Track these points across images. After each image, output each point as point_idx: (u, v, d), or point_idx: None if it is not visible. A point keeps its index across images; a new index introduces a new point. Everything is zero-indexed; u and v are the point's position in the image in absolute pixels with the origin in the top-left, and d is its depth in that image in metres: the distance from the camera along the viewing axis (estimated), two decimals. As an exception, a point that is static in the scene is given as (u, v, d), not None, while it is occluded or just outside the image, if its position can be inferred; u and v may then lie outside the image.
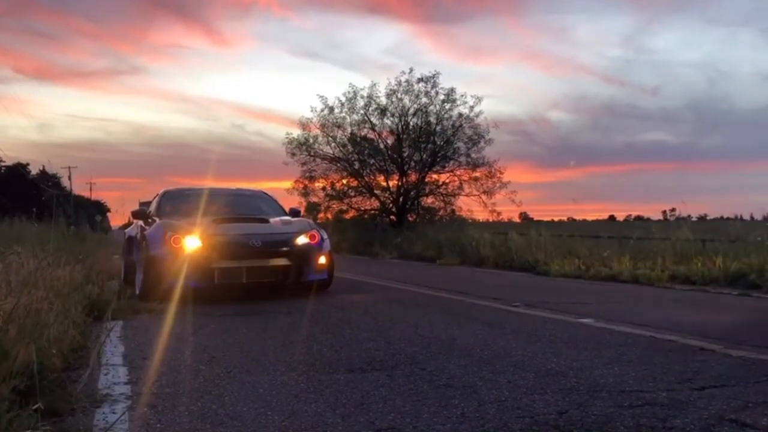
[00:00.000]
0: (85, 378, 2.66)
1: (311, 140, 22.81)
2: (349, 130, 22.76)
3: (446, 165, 22.99)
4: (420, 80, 22.07)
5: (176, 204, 7.91)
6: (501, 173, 22.34)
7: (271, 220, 7.53)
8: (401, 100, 22.43)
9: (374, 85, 22.45)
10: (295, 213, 8.28)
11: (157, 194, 8.43)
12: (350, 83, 25.85)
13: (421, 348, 3.96)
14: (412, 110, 22.43)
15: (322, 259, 7.08)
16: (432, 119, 22.45)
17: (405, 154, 22.95)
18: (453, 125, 22.37)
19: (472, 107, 22.03)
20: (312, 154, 22.90)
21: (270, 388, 3.05)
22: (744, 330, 4.44)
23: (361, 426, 2.47)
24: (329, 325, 4.92)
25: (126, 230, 9.27)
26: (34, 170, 46.08)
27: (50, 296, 4.04)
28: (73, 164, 53.36)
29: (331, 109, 22.48)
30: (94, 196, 57.90)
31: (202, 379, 3.28)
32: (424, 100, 22.32)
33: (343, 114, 22.62)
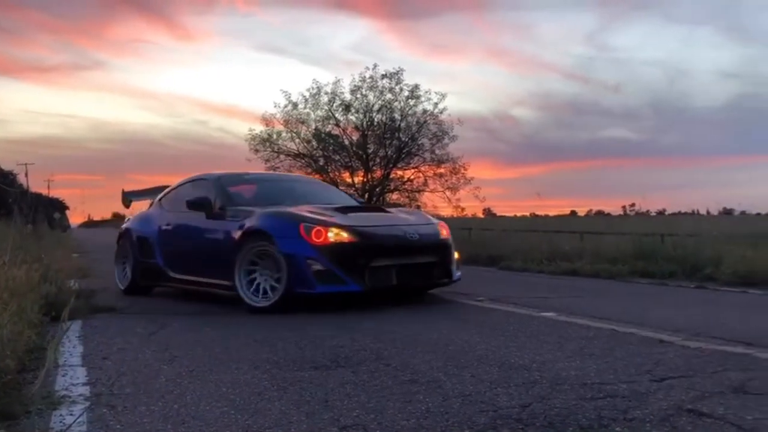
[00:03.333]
0: (41, 379, 2.60)
1: (275, 136, 22.66)
2: (313, 126, 22.67)
3: (411, 161, 23.08)
4: (384, 76, 22.09)
5: (246, 191, 6.68)
6: (465, 169, 22.51)
7: (388, 210, 6.62)
8: (366, 96, 22.42)
9: (338, 81, 22.39)
10: (361, 203, 7.64)
11: (193, 180, 6.97)
12: (314, 79, 25.66)
13: (386, 344, 3.96)
14: (376, 106, 22.44)
15: (455, 254, 6.21)
16: (397, 115, 22.49)
17: (370, 151, 22.94)
18: (417, 121, 22.45)
19: (436, 104, 22.14)
20: (276, 150, 22.74)
21: (233, 387, 3.01)
22: (701, 322, 4.54)
23: (325, 423, 2.45)
24: (294, 323, 4.89)
25: (129, 225, 7.42)
26: (-13, 167, 44.79)
27: (5, 296, 3.93)
28: (30, 161, 52.14)
29: (295, 105, 22.35)
30: (53, 194, 56.62)
31: (164, 378, 3.23)
32: (388, 96, 22.34)
33: (307, 110, 22.51)
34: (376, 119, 22.62)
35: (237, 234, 5.63)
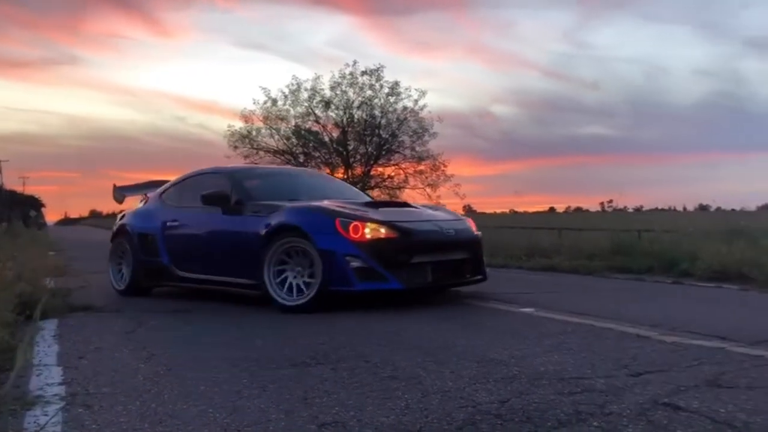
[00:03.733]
0: (12, 379, 2.55)
1: (254, 133, 22.57)
2: (293, 122, 22.61)
3: (391, 158, 23.12)
4: (364, 73, 22.11)
5: (261, 185, 6.34)
6: (445, 166, 22.62)
7: (414, 205, 6.36)
8: (345, 92, 22.42)
9: (318, 77, 22.35)
10: (372, 198, 7.37)
11: (200, 174, 6.68)
12: (293, 75, 25.56)
13: (366, 341, 3.95)
14: (356, 103, 22.44)
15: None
16: (377, 112, 22.51)
17: (350, 147, 22.94)
18: (398, 118, 22.50)
19: (416, 101, 22.22)
20: (255, 146, 22.66)
21: (212, 385, 2.99)
22: (677, 317, 4.60)
23: (304, 421, 2.45)
24: (273, 321, 4.87)
25: (127, 222, 6.93)
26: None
27: (-22, 295, 3.87)
28: (4, 158, 51.29)
29: (274, 101, 22.28)
30: (28, 191, 55.80)
31: (141, 377, 3.20)
32: (368, 92, 22.37)
33: (287, 106, 22.44)
34: (356, 116, 22.63)
35: (264, 230, 5.35)
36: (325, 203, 5.59)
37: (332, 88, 22.35)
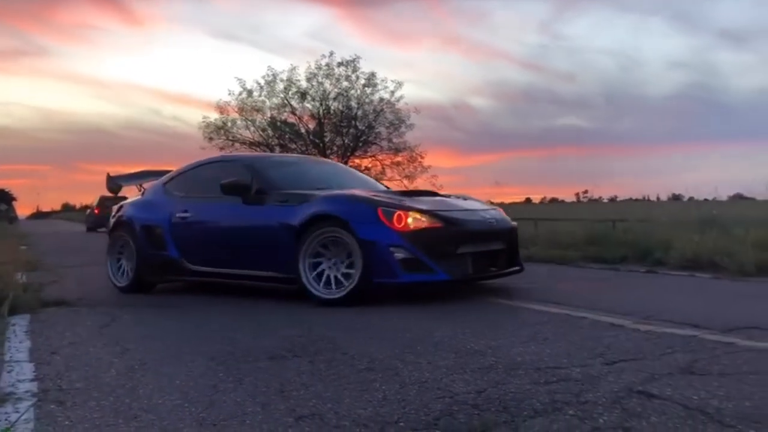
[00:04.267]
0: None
1: (229, 124, 22.39)
2: (268, 113, 22.48)
3: (368, 150, 23.08)
4: (341, 64, 22.04)
5: (284, 174, 6.00)
6: (422, 158, 22.66)
7: (444, 194, 6.05)
8: (322, 83, 22.34)
9: (294, 68, 22.23)
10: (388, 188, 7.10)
11: (211, 162, 6.56)
12: (269, 66, 25.31)
13: (344, 333, 3.95)
14: (333, 94, 22.36)
15: None
16: (353, 104, 22.47)
17: (327, 139, 22.88)
18: (374, 110, 22.48)
19: (393, 92, 22.20)
20: (230, 138, 22.49)
21: (187, 379, 2.96)
22: (651, 305, 4.65)
23: (281, 414, 2.44)
24: (250, 314, 4.84)
25: (128, 214, 6.57)
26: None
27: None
28: (-28, 150, 50.20)
29: (250, 93, 22.13)
30: (-2, 184, 54.79)
31: (115, 372, 3.16)
32: (345, 84, 22.31)
33: (263, 97, 22.28)
34: (332, 107, 22.55)
35: (298, 220, 5.11)
36: (360, 192, 5.41)
37: (308, 80, 22.27)
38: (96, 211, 23.27)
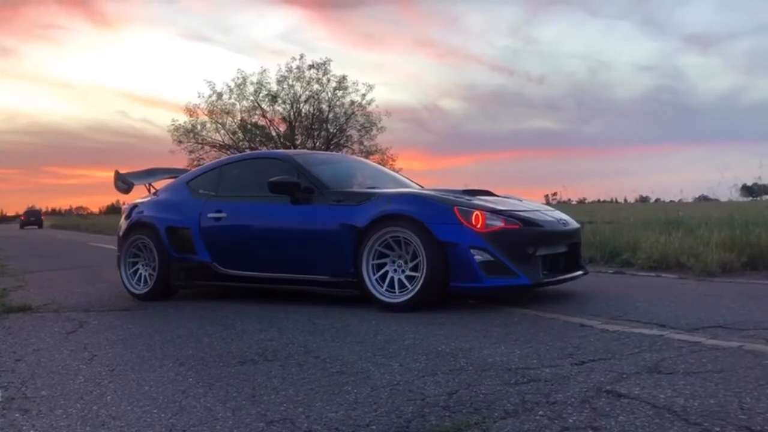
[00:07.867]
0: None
1: (199, 127, 22.21)
2: (239, 116, 22.33)
3: (340, 152, 23.00)
4: (311, 67, 22.03)
5: (331, 172, 5.71)
6: (393, 160, 22.70)
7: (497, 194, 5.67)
8: (292, 86, 22.29)
9: (264, 71, 22.13)
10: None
11: (244, 160, 6.35)
12: (239, 68, 25.10)
13: (315, 336, 3.94)
14: (303, 97, 22.33)
15: None
16: (324, 106, 22.47)
17: (298, 142, 22.80)
18: (345, 113, 22.47)
19: (364, 95, 22.25)
20: (200, 141, 22.29)
21: (156, 385, 2.92)
22: (619, 306, 4.72)
23: (252, 419, 2.42)
24: (220, 318, 4.80)
25: (148, 215, 6.14)
26: None
27: None
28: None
29: (220, 95, 21.99)
30: (-40, 188, 53.45)
31: (83, 379, 3.11)
32: (315, 86, 22.30)
33: (232, 100, 22.13)
34: (303, 110, 22.51)
35: (362, 221, 4.84)
36: (428, 190, 5.17)
37: (279, 82, 22.20)
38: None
